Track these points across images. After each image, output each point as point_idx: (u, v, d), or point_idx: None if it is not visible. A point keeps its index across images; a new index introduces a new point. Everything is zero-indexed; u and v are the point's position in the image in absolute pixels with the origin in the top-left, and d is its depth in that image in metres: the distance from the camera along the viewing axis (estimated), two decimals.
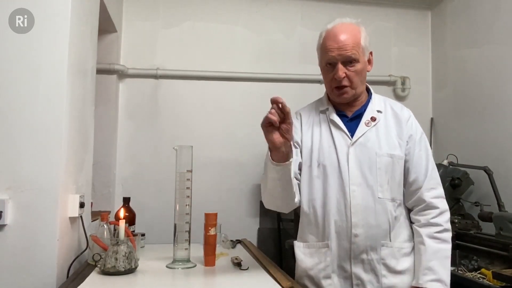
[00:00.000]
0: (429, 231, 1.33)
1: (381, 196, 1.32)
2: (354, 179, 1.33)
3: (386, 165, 1.34)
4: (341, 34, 1.33)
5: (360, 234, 1.31)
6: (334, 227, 1.33)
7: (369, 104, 1.43)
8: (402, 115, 1.41)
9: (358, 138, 1.36)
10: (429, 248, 1.31)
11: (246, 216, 2.75)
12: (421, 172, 1.35)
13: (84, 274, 1.33)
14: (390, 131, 1.38)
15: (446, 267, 1.30)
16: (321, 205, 1.36)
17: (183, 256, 1.46)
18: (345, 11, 2.96)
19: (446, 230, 1.33)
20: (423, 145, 1.39)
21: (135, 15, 2.73)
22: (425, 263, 1.30)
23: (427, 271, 1.29)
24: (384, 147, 1.35)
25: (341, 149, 1.36)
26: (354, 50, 1.32)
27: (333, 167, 1.35)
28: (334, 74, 1.34)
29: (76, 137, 1.54)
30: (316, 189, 1.37)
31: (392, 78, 2.94)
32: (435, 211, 1.34)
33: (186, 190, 1.47)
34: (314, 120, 1.46)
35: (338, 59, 1.33)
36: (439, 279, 1.28)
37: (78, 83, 1.56)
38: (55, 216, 1.36)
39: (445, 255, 1.31)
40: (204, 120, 2.75)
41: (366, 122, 1.38)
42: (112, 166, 2.56)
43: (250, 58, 2.84)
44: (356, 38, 1.34)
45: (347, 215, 1.32)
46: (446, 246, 1.32)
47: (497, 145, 2.36)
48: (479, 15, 2.55)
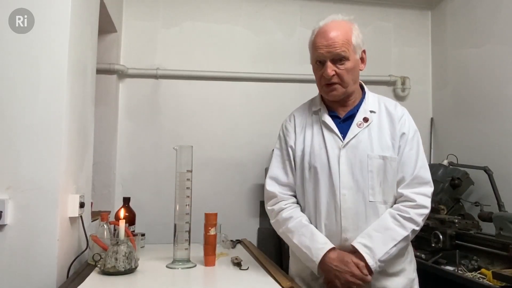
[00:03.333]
0: (393, 212, 1.29)
1: (372, 199, 1.30)
2: (344, 182, 1.30)
3: (378, 167, 1.31)
4: (331, 32, 1.31)
5: (350, 238, 1.28)
6: (325, 231, 1.31)
7: (362, 104, 1.39)
8: (395, 114, 1.37)
9: (350, 140, 1.33)
10: (382, 222, 1.28)
11: (246, 216, 2.75)
12: (408, 171, 1.32)
13: (84, 274, 1.33)
14: (384, 132, 1.35)
15: (385, 245, 1.24)
16: (313, 208, 1.35)
17: (183, 256, 1.46)
18: (345, 11, 2.91)
19: (411, 220, 1.26)
20: (414, 144, 1.35)
21: (135, 15, 2.73)
22: (369, 230, 1.27)
23: (365, 235, 1.26)
24: (376, 149, 1.32)
25: (332, 151, 1.33)
26: (343, 48, 1.29)
27: (324, 170, 1.33)
28: (323, 72, 1.32)
29: (76, 137, 1.54)
30: (308, 192, 1.36)
31: (392, 78, 2.95)
32: (410, 203, 1.29)
33: (186, 190, 1.46)
34: (307, 122, 1.43)
35: (327, 57, 1.30)
36: (370, 247, 1.23)
37: (78, 83, 1.56)
38: (55, 216, 1.36)
39: (393, 237, 1.25)
40: (204, 120, 2.75)
41: (358, 123, 1.35)
42: (112, 166, 2.56)
43: (250, 58, 2.84)
44: (347, 35, 1.31)
45: (337, 219, 1.29)
46: (401, 231, 1.25)
47: (497, 145, 2.36)
48: (479, 15, 2.55)
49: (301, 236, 1.31)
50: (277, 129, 2.67)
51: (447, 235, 1.95)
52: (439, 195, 2.27)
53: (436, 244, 1.95)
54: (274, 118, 2.80)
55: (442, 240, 1.94)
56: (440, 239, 1.94)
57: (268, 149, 2.75)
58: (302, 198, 1.39)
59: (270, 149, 2.73)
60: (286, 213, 1.36)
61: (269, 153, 2.77)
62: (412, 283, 1.35)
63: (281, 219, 1.37)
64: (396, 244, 1.25)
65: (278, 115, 2.79)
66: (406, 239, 1.27)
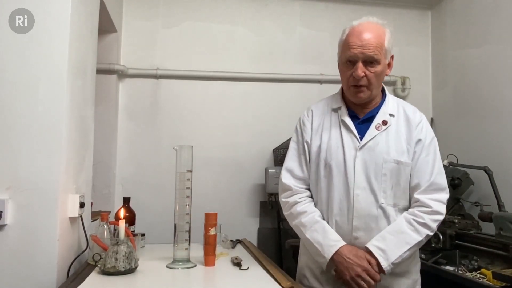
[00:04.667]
0: (408, 216, 1.31)
1: (383, 202, 1.32)
2: (358, 183, 1.32)
3: (391, 171, 1.32)
4: (366, 33, 1.30)
5: (360, 237, 1.31)
6: (335, 227, 1.34)
7: (382, 106, 1.40)
8: (413, 119, 1.38)
9: (367, 142, 1.34)
10: (396, 226, 1.30)
11: (246, 216, 2.75)
12: (424, 178, 1.33)
13: (84, 274, 1.33)
14: (400, 136, 1.36)
15: (399, 248, 1.26)
16: (325, 204, 1.37)
17: (183, 256, 1.46)
18: (345, 11, 2.97)
19: (425, 226, 1.28)
20: (431, 151, 1.36)
21: (135, 15, 2.73)
22: (383, 233, 1.29)
23: (379, 238, 1.28)
24: (392, 152, 1.33)
25: (349, 151, 1.34)
26: (376, 51, 1.29)
27: (339, 169, 1.34)
28: (353, 72, 1.31)
29: (76, 137, 1.54)
30: (322, 188, 1.38)
31: (392, 78, 2.95)
32: (425, 208, 1.30)
33: (186, 190, 1.46)
34: (325, 119, 1.43)
35: (359, 57, 1.29)
36: (383, 249, 1.25)
37: (78, 83, 1.56)
38: (55, 216, 1.36)
39: (407, 241, 1.27)
40: (204, 120, 2.75)
41: (377, 126, 1.36)
42: (112, 166, 2.56)
43: (250, 58, 2.84)
44: (381, 38, 1.30)
45: (349, 217, 1.32)
46: (415, 236, 1.27)
47: (497, 145, 2.36)
48: (479, 15, 2.55)
49: (314, 232, 1.34)
50: (277, 129, 2.72)
51: (447, 235, 1.95)
52: None
53: (436, 244, 1.95)
54: (274, 118, 2.81)
55: (442, 240, 1.94)
56: (440, 239, 1.95)
57: (268, 149, 2.76)
58: (315, 193, 1.41)
59: (270, 149, 2.75)
60: (301, 207, 1.39)
61: (269, 153, 2.77)
62: (415, 284, 1.38)
63: (295, 212, 1.40)
64: (409, 248, 1.27)
65: (278, 115, 2.82)
66: (419, 243, 1.29)
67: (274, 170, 2.48)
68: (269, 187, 2.48)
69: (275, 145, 2.66)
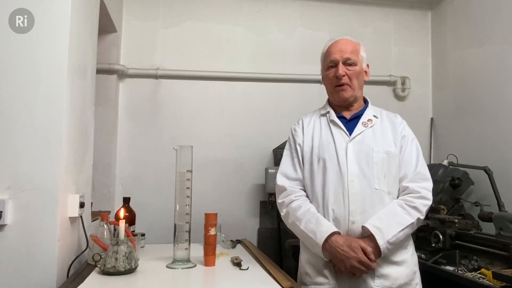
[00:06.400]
0: (400, 201, 1.40)
1: (377, 187, 1.40)
2: (352, 171, 1.40)
3: (382, 160, 1.42)
4: (343, 42, 1.52)
5: (357, 221, 1.36)
6: (332, 215, 1.39)
7: (366, 110, 1.54)
8: (396, 121, 1.53)
9: (356, 136, 1.46)
10: (390, 208, 1.38)
11: (246, 216, 2.75)
12: (410, 169, 1.44)
13: (84, 274, 1.33)
14: (386, 132, 1.48)
15: (394, 228, 1.33)
16: (321, 196, 1.43)
17: (183, 256, 1.46)
18: (345, 11, 2.97)
19: (416, 209, 1.37)
20: (414, 147, 1.48)
21: (135, 15, 2.74)
22: (379, 214, 1.36)
23: (375, 218, 1.36)
24: (380, 144, 1.45)
25: (340, 145, 1.45)
26: (353, 54, 1.49)
27: (332, 160, 1.43)
28: (336, 72, 1.47)
29: (76, 137, 1.54)
30: (317, 181, 1.45)
31: (392, 78, 2.95)
32: (415, 194, 1.40)
33: (186, 190, 1.46)
34: (315, 123, 1.56)
35: (339, 60, 1.48)
36: (380, 227, 1.32)
37: (78, 83, 1.56)
38: (55, 216, 1.36)
39: (401, 222, 1.35)
40: (204, 120, 2.75)
41: (363, 123, 1.49)
42: (112, 166, 2.56)
43: (250, 58, 2.84)
44: (356, 47, 1.52)
45: (345, 203, 1.38)
46: (408, 218, 1.35)
47: (497, 145, 2.36)
48: (479, 15, 2.55)
49: (308, 222, 1.40)
50: (277, 129, 2.72)
51: (447, 235, 1.95)
52: (439, 195, 2.27)
53: (436, 244, 1.96)
54: (273, 118, 2.81)
55: (442, 240, 1.94)
56: (440, 239, 1.95)
57: (268, 149, 2.76)
58: (310, 190, 1.48)
59: (270, 149, 2.75)
60: (296, 203, 1.46)
61: (269, 153, 2.77)
62: (414, 276, 1.41)
63: (290, 210, 1.46)
64: (403, 228, 1.34)
65: (278, 115, 2.82)
66: (412, 226, 1.37)
67: (274, 170, 2.48)
68: (269, 187, 2.48)
69: (275, 145, 2.66)
